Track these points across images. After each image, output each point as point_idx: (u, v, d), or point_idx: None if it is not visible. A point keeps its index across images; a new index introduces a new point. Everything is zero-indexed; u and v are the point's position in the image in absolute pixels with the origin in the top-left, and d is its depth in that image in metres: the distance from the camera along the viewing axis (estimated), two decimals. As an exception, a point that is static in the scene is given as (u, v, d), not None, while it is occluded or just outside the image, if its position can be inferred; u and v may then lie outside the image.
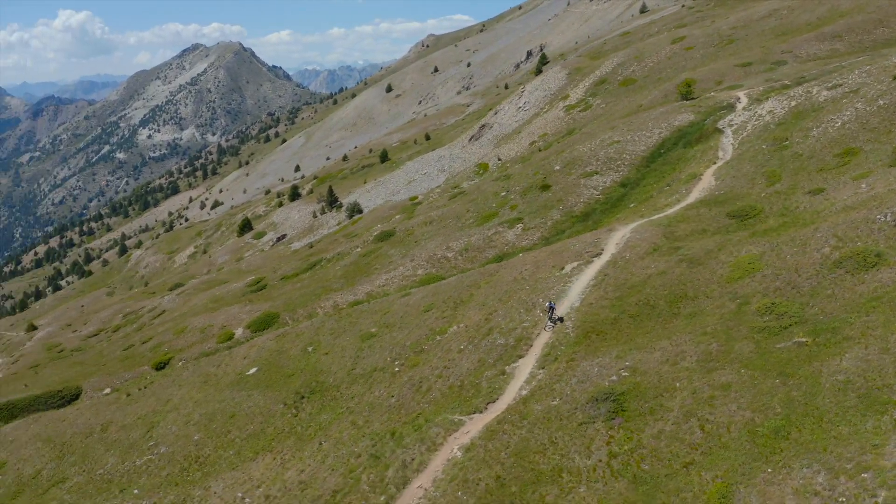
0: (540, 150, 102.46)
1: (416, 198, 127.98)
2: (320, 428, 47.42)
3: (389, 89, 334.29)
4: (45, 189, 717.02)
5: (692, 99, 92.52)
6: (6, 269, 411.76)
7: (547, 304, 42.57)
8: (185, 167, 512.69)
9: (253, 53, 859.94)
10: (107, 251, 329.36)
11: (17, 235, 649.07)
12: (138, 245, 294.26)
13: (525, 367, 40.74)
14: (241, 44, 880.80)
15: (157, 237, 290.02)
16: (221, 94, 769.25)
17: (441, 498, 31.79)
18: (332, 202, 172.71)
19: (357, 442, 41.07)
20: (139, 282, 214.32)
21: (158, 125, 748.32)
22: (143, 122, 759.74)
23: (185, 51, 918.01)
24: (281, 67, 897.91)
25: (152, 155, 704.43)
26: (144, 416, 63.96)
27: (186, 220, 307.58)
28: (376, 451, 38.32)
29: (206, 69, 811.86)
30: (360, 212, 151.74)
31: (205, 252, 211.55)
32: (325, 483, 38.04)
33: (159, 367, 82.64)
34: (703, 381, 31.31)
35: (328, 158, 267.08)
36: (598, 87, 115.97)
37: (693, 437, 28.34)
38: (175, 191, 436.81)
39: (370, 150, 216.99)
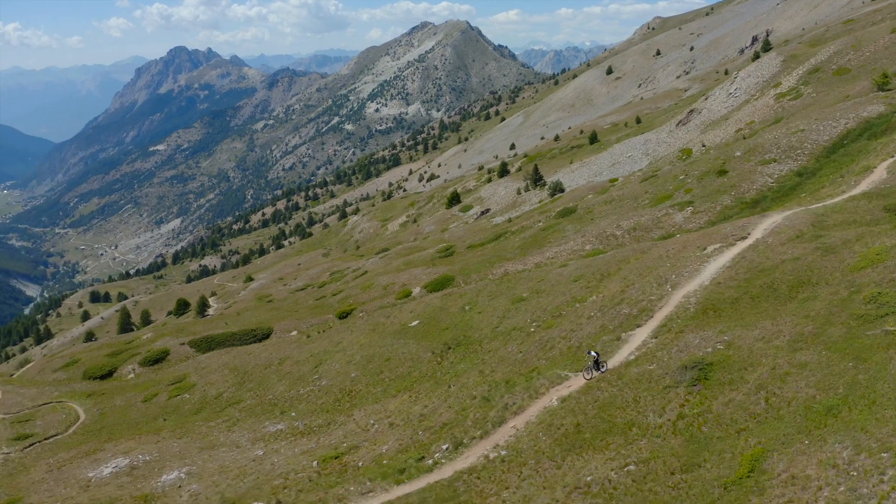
0: (744, 139, 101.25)
1: (615, 180, 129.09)
2: (455, 374, 51.70)
3: (609, 71, 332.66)
4: (276, 155, 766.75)
5: (887, 90, 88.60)
6: (235, 227, 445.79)
7: (590, 353, 40.65)
8: (408, 141, 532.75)
9: (479, 32, 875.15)
10: (328, 216, 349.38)
11: (249, 197, 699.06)
12: (356, 211, 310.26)
13: (640, 336, 43.01)
14: (468, 23, 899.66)
15: (373, 205, 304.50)
16: (447, 71, 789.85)
17: (525, 437, 35.18)
18: (537, 180, 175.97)
19: (477, 387, 45.07)
20: (352, 245, 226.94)
21: (385, 99, 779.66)
22: (371, 96, 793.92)
23: (413, 28, 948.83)
24: (506, 47, 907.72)
25: (378, 128, 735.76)
26: (316, 355, 70.99)
27: (404, 191, 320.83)
28: (488, 395, 42.22)
29: (433, 47, 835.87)
30: (562, 191, 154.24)
31: (415, 222, 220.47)
32: (440, 417, 42.41)
33: (342, 316, 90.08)
34: (785, 358, 32.68)
35: (542, 138, 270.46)
36: (811, 75, 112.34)
37: (756, 407, 30.02)
38: (396, 163, 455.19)
39: (581, 132, 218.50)
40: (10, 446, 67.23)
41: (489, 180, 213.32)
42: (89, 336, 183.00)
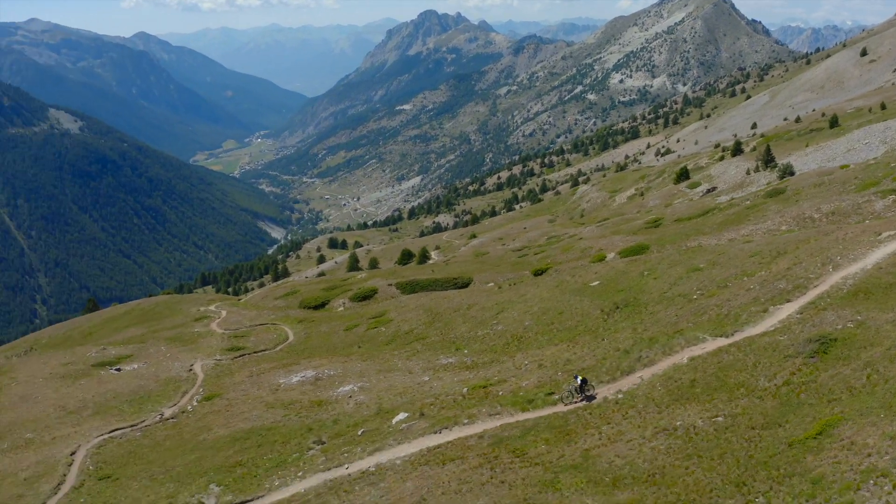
0: None
1: (846, 166, 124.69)
2: (614, 331, 54.58)
3: (864, 53, 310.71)
4: (517, 121, 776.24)
5: None
6: (471, 188, 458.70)
7: (576, 377, 40.24)
8: (649, 114, 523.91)
9: (732, 6, 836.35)
10: (561, 184, 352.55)
11: (487, 160, 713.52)
12: (587, 181, 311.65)
13: (787, 310, 44.07)
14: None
15: (604, 176, 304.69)
16: (696, 44, 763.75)
17: (645, 385, 38.29)
18: (768, 161, 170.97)
19: (625, 342, 48.03)
20: (577, 214, 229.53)
21: (630, 71, 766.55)
22: (616, 67, 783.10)
23: None
24: (760, 22, 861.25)
25: (621, 99, 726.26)
26: (500, 303, 75.77)
27: (639, 164, 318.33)
28: (629, 349, 45.23)
29: (683, 18, 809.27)
30: (792, 174, 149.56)
31: (641, 195, 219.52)
32: (582, 363, 45.98)
33: (536, 273, 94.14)
34: (903, 341, 33.59)
35: (785, 119, 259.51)
36: None
37: (856, 382, 31.21)
38: (635, 135, 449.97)
39: (822, 115, 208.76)
40: (224, 355, 77.18)
41: (721, 158, 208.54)
42: (320, 277, 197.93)
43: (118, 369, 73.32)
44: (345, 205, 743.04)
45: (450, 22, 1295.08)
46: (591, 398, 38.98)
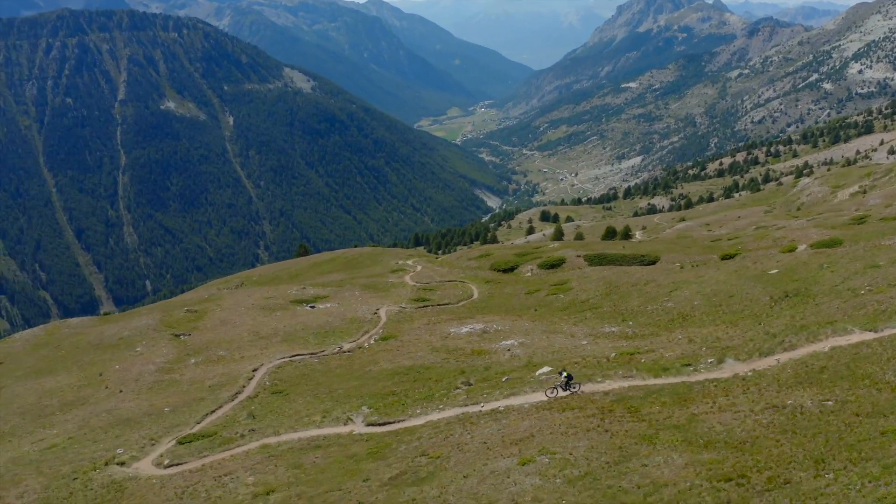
0: None
1: None
2: (774, 317, 54.34)
3: None
4: (746, 106, 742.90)
5: None
6: (690, 172, 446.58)
7: (562, 373, 41.05)
8: (886, 108, 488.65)
9: None
10: (785, 175, 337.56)
11: (712, 145, 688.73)
12: (810, 174, 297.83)
13: (946, 314, 43.08)
14: None
15: (828, 170, 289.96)
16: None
17: (776, 368, 39.04)
18: None
19: (776, 327, 48.19)
20: (794, 207, 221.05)
21: (871, 61, 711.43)
22: (856, 56, 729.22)
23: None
24: None
25: (859, 91, 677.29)
26: (676, 282, 76.39)
27: (869, 160, 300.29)
28: (776, 333, 45.68)
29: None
30: None
31: (864, 193, 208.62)
32: (728, 342, 47.16)
33: (724, 257, 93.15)
34: None
35: None
36: None
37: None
38: (868, 130, 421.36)
39: None
40: (409, 304, 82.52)
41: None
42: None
43: (312, 306, 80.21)
44: (562, 179, 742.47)
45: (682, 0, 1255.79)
46: (574, 392, 40.15)
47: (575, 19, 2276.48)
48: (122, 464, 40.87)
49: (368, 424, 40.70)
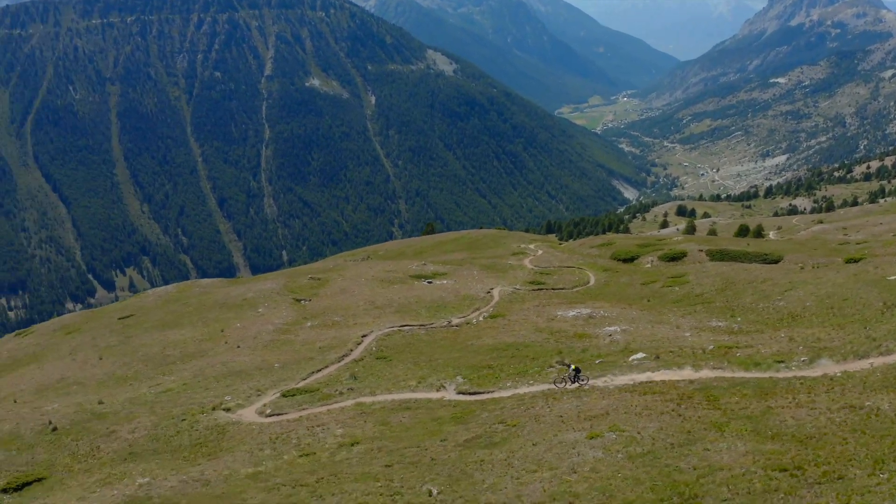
0: None
1: None
2: (882, 322, 52.70)
3: None
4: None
5: None
6: (836, 174, 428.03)
7: (570, 366, 42.40)
8: None
9: None
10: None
11: (861, 147, 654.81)
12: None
13: None
14: None
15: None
16: None
17: (867, 371, 38.41)
18: None
19: (879, 332, 46.88)
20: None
21: None
22: None
23: None
24: None
25: None
26: (793, 282, 74.83)
27: None
28: (877, 338, 44.69)
29: None
30: None
31: None
32: (826, 343, 46.53)
33: (848, 261, 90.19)
34: None
35: None
36: None
37: None
38: None
39: None
40: (524, 286, 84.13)
41: None
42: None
43: (429, 282, 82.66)
44: (702, 175, 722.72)
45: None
46: (583, 384, 41.04)
47: (725, 9, 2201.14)
48: (227, 410, 44.43)
49: (459, 392, 42.63)
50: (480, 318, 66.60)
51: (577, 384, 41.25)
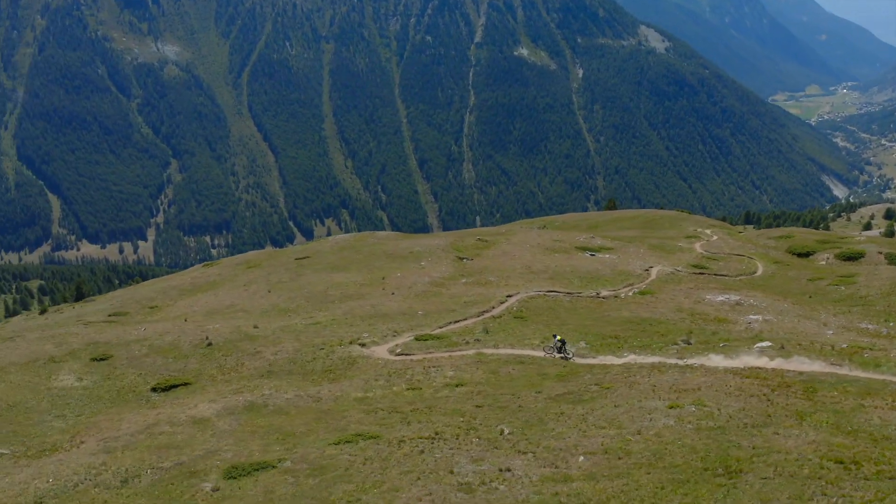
0: None
1: None
2: None
3: None
4: None
5: None
6: None
7: (555, 336, 45.17)
8: None
9: None
10: None
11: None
12: None
13: None
14: None
15: None
16: None
17: None
18: None
19: None
20: None
21: None
22: None
23: None
24: None
25: None
26: None
27: None
28: None
29: None
30: None
31: None
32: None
33: None
34: None
35: None
36: None
37: None
38: None
39: None
40: (685, 268, 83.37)
41: None
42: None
43: (592, 254, 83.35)
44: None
45: None
46: (566, 357, 43.62)
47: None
48: (363, 345, 48.31)
49: (576, 355, 43.89)
50: (630, 294, 66.91)
51: (561, 356, 43.24)
